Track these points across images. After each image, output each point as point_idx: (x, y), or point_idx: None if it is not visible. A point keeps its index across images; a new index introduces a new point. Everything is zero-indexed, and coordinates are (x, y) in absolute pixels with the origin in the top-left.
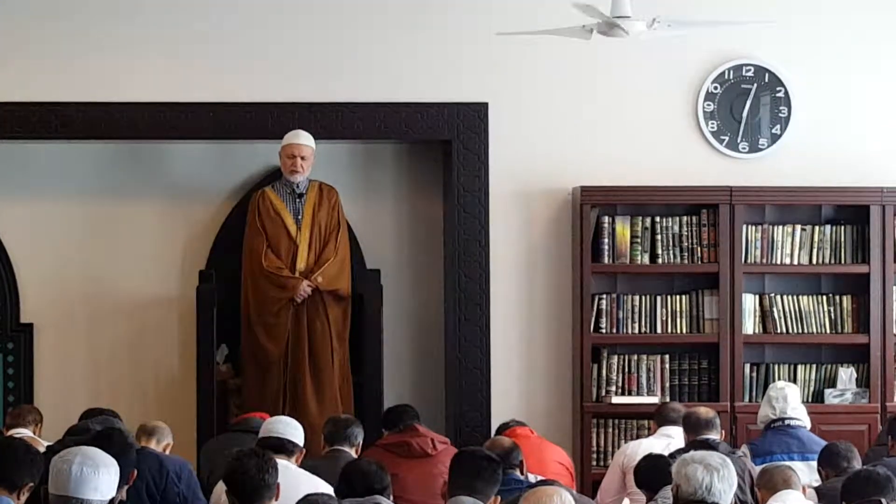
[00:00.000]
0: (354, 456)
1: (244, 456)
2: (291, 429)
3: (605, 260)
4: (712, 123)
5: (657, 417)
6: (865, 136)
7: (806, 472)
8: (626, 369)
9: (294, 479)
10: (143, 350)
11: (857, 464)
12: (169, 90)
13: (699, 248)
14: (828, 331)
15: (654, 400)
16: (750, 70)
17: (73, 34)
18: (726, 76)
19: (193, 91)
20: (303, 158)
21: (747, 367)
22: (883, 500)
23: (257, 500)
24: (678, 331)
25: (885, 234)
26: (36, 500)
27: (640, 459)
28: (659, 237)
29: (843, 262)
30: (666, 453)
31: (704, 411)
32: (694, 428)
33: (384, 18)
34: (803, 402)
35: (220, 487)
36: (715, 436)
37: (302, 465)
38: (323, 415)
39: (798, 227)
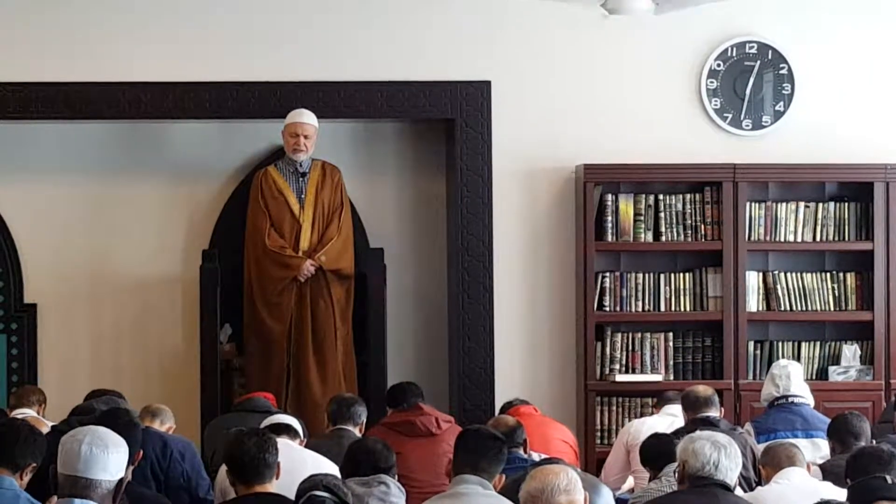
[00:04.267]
0: (358, 435)
1: (244, 435)
2: (294, 421)
3: (609, 238)
4: (715, 101)
5: (661, 397)
6: (869, 112)
7: (810, 450)
8: (630, 347)
9: (298, 458)
10: (146, 330)
11: (866, 439)
12: (172, 70)
13: (703, 226)
14: (831, 308)
15: (658, 378)
16: (753, 47)
17: (77, 14)
18: (729, 53)
19: (196, 70)
20: (306, 137)
21: (751, 344)
22: (888, 478)
23: (257, 479)
24: (682, 308)
25: (888, 210)
26: (44, 479)
27: (647, 437)
28: (662, 215)
29: (846, 238)
30: (669, 431)
31: (703, 389)
32: (692, 406)
33: None
34: (807, 379)
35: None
36: (714, 413)
37: (306, 445)
38: (326, 394)
39: (802, 204)
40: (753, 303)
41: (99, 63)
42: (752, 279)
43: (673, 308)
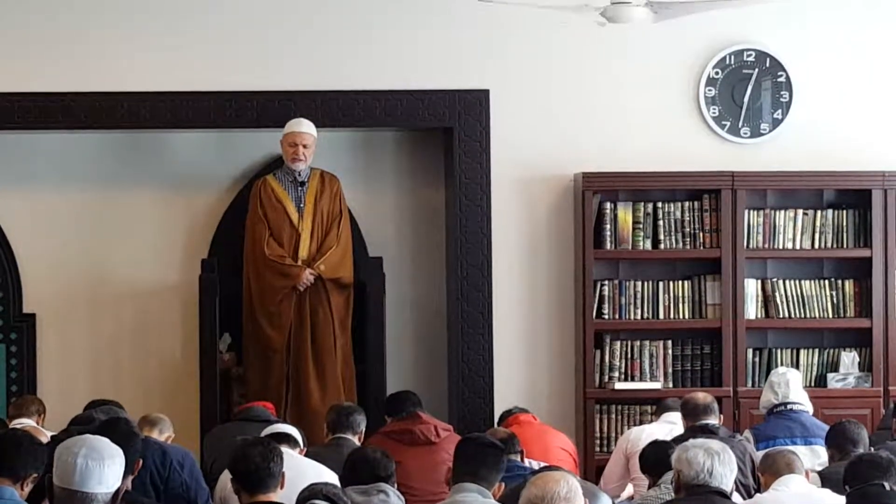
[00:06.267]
0: (358, 444)
1: (249, 444)
2: (293, 430)
3: (608, 246)
4: (714, 109)
5: (660, 404)
6: (867, 120)
7: (809, 457)
8: (629, 355)
9: (298, 466)
10: (145, 339)
11: (864, 447)
12: (170, 79)
13: (701, 234)
14: (830, 315)
15: (657, 386)
16: (751, 55)
17: (75, 24)
18: (727, 61)
19: (195, 80)
20: (304, 146)
21: (750, 352)
22: (886, 485)
23: (262, 488)
24: (681, 316)
25: (886, 217)
26: (41, 489)
27: (646, 445)
28: (661, 223)
29: (845, 246)
30: (668, 439)
31: (702, 396)
32: (692, 413)
33: (385, 6)
34: (806, 386)
35: (226, 476)
36: (714, 420)
37: (306, 453)
38: (326, 402)
39: (800, 211)
40: (752, 310)
41: (97, 73)
42: (751, 287)
43: (672, 316)
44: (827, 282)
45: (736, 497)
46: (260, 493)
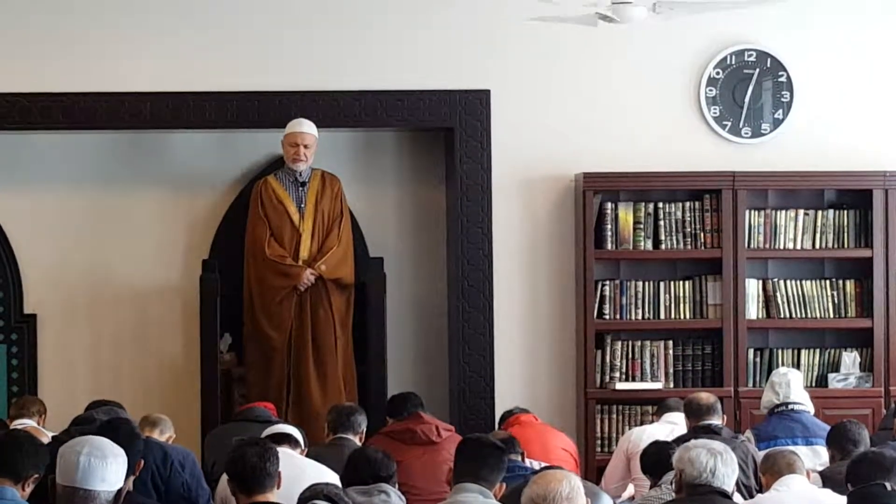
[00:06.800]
0: (358, 444)
1: (245, 444)
2: (294, 430)
3: (608, 246)
4: (714, 109)
5: (661, 404)
6: (868, 120)
7: (810, 457)
8: (630, 355)
9: (299, 467)
10: (146, 340)
11: (865, 447)
12: (171, 79)
13: (702, 234)
14: (831, 315)
15: (658, 386)
16: (752, 55)
17: (76, 24)
18: (728, 61)
19: (195, 80)
20: (305, 147)
21: (751, 352)
22: (887, 485)
23: (258, 488)
24: (682, 316)
25: (888, 217)
26: (43, 489)
27: (647, 445)
28: (662, 223)
29: (846, 246)
30: (669, 439)
31: (705, 397)
32: (695, 414)
33: (385, 5)
34: (807, 386)
35: (226, 477)
36: (717, 421)
37: (306, 454)
38: (326, 403)
39: (801, 211)
40: (753, 310)
41: (99, 73)
42: (752, 287)
43: (672, 316)
44: (828, 282)
45: (737, 497)
46: (257, 494)
